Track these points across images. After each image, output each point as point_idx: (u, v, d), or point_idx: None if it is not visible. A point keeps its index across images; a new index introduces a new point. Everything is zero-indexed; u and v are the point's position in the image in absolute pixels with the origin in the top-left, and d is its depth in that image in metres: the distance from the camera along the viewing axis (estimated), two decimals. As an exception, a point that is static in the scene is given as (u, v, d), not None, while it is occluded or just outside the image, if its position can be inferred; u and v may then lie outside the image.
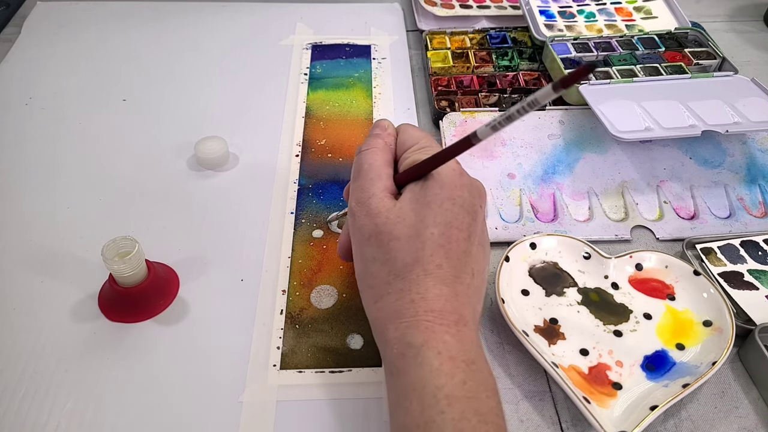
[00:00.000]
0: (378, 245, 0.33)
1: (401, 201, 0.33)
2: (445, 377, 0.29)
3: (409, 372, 0.30)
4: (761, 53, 0.70)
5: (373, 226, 0.33)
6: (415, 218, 0.32)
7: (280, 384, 0.39)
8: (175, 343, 0.41)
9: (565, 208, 0.51)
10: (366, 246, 0.33)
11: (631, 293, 0.44)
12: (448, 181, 0.33)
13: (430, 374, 0.29)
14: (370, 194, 0.34)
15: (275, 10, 0.73)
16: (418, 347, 0.30)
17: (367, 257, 0.34)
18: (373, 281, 0.33)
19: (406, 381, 0.30)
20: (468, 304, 0.32)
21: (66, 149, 0.54)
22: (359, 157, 0.36)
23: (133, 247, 0.40)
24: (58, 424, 0.37)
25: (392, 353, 0.31)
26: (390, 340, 0.31)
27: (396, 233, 0.32)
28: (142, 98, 0.60)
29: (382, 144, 0.36)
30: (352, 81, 0.63)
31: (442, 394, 0.28)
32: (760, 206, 0.52)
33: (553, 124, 0.58)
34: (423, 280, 0.32)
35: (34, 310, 0.42)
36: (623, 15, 0.70)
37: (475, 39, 0.68)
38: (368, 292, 0.34)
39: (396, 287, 0.32)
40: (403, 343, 0.31)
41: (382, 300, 0.33)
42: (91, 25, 0.69)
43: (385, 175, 0.35)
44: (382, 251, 0.33)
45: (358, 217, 0.34)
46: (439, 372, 0.29)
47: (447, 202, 0.33)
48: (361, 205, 0.34)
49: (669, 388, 0.38)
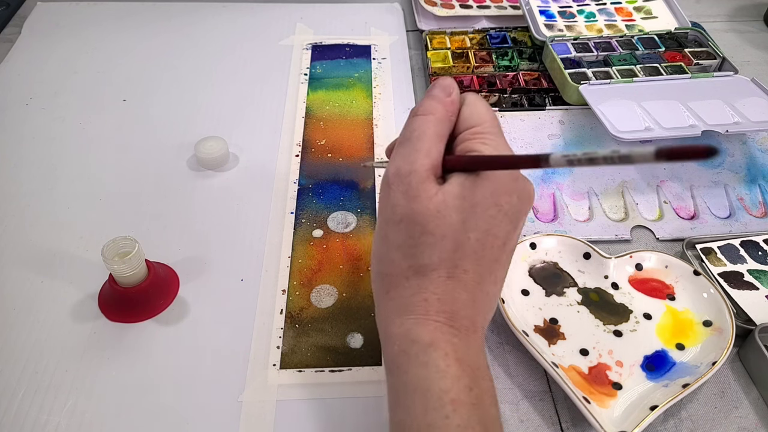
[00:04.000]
0: (408, 234, 0.29)
1: (445, 192, 0.29)
2: (452, 381, 0.28)
3: (410, 370, 0.28)
4: (761, 53, 0.70)
5: (408, 211, 0.29)
6: (456, 219, 0.29)
7: (280, 383, 0.39)
8: (175, 343, 0.41)
9: (565, 208, 0.51)
10: (394, 229, 0.30)
11: (631, 293, 0.44)
12: (501, 185, 0.29)
13: (436, 375, 0.28)
14: (413, 169, 0.29)
15: (275, 10, 0.73)
16: (424, 346, 0.28)
17: (391, 241, 0.30)
18: (391, 269, 0.30)
19: (407, 379, 0.28)
20: (483, 312, 0.31)
21: (66, 149, 0.54)
22: (412, 121, 0.31)
23: (133, 247, 0.40)
24: (58, 424, 0.37)
25: (393, 350, 0.30)
26: (393, 336, 0.30)
27: (431, 228, 0.29)
28: (142, 98, 0.60)
29: (441, 112, 0.31)
30: (352, 81, 0.63)
31: (448, 398, 0.27)
32: (760, 206, 0.52)
33: (553, 124, 0.58)
34: (444, 283, 0.29)
35: (34, 310, 0.42)
36: (623, 15, 0.70)
37: (475, 39, 0.68)
38: (382, 279, 0.31)
39: (413, 282, 0.30)
40: (408, 340, 0.29)
41: (395, 290, 0.30)
42: (91, 25, 0.69)
43: (435, 151, 0.30)
44: (410, 242, 0.29)
45: (394, 191, 0.30)
46: (446, 374, 0.28)
47: (493, 209, 0.29)
48: (399, 179, 0.29)
49: (669, 388, 0.38)
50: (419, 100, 0.61)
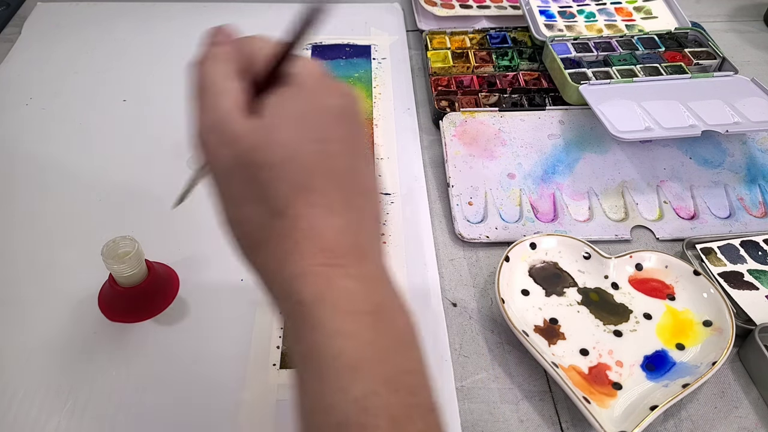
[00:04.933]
0: (244, 179, 0.25)
1: (263, 119, 0.26)
2: (345, 338, 0.23)
3: (301, 339, 0.24)
4: (761, 53, 0.70)
5: (234, 156, 0.25)
6: (285, 136, 0.25)
7: (280, 383, 0.39)
8: (175, 343, 0.41)
9: (565, 208, 0.51)
10: (229, 183, 0.26)
11: (631, 293, 0.44)
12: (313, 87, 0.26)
13: (326, 339, 0.23)
14: (221, 114, 0.26)
15: (275, 11, 0.73)
16: (309, 305, 0.24)
17: (234, 197, 0.26)
18: (246, 227, 0.26)
19: (298, 350, 0.24)
20: (366, 233, 0.26)
21: (66, 149, 0.54)
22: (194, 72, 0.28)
23: (133, 247, 0.40)
24: (58, 424, 0.37)
25: (284, 315, 0.26)
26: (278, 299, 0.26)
27: (267, 159, 0.25)
28: (142, 98, 0.60)
29: (224, 51, 0.28)
30: (352, 81, 0.63)
31: (342, 363, 0.23)
32: (760, 206, 0.52)
33: (553, 124, 0.58)
34: (307, 214, 0.25)
35: (34, 310, 0.42)
36: (623, 15, 0.70)
37: (475, 39, 0.68)
38: (244, 241, 0.27)
39: (276, 229, 0.25)
40: (291, 302, 0.24)
41: (260, 249, 0.26)
42: (91, 25, 0.69)
43: (234, 90, 0.26)
44: (252, 186, 0.25)
45: (211, 147, 0.26)
46: (337, 335, 0.23)
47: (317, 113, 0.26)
48: (211, 131, 0.26)
49: (669, 388, 0.38)
50: (419, 100, 0.61)
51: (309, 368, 0.24)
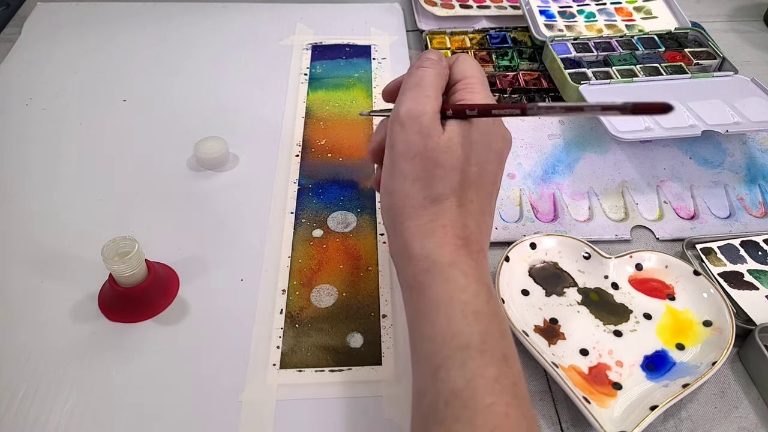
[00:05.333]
0: (422, 167, 0.33)
1: (450, 133, 0.34)
2: (471, 295, 0.31)
3: (434, 286, 0.32)
4: (761, 53, 0.70)
5: (422, 147, 0.33)
6: (461, 154, 0.33)
7: (280, 383, 0.39)
8: (176, 343, 0.41)
9: (565, 208, 0.51)
10: (409, 164, 0.33)
11: (631, 293, 0.44)
12: (490, 130, 0.35)
13: (457, 291, 0.31)
14: (424, 111, 0.33)
15: (275, 11, 0.73)
16: (445, 265, 0.32)
17: (406, 175, 0.33)
18: (407, 201, 0.34)
19: (430, 294, 0.31)
20: (486, 239, 0.35)
21: (66, 149, 0.54)
22: (416, 71, 0.35)
23: (133, 247, 0.40)
24: (58, 424, 0.37)
25: (416, 268, 0.33)
26: (415, 256, 0.33)
27: (442, 161, 0.33)
28: (142, 98, 0.60)
29: (439, 67, 0.36)
30: (352, 81, 0.63)
31: (470, 309, 0.31)
32: (760, 206, 0.52)
33: (553, 124, 0.58)
34: (456, 210, 0.33)
35: (34, 310, 0.42)
36: (623, 15, 0.70)
37: (475, 39, 0.68)
38: (397, 210, 0.34)
39: (430, 211, 0.33)
40: (430, 260, 0.32)
41: (411, 220, 0.34)
42: (91, 25, 0.69)
43: (438, 98, 0.34)
44: (425, 174, 0.33)
45: (409, 131, 0.33)
46: (466, 290, 0.31)
47: (486, 148, 0.34)
48: (413, 120, 0.33)
49: (669, 388, 0.38)
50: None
51: (438, 308, 0.31)
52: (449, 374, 0.29)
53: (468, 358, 0.29)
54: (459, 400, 0.28)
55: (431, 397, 0.29)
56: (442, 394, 0.29)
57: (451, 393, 0.29)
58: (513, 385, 0.29)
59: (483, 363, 0.29)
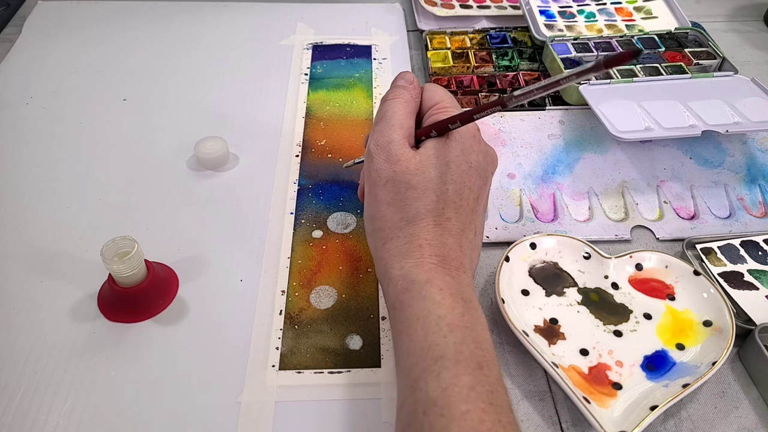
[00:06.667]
0: (395, 191, 0.35)
1: (422, 154, 0.35)
2: (446, 309, 0.32)
3: (412, 304, 0.33)
4: (761, 53, 0.70)
5: (392, 173, 0.35)
6: (434, 173, 0.35)
7: (279, 384, 0.39)
8: (175, 343, 0.41)
9: (565, 208, 0.51)
10: (382, 190, 0.35)
11: (631, 293, 0.44)
12: (467, 146, 0.36)
13: (433, 306, 0.32)
14: (390, 140, 0.35)
15: (276, 10, 0.73)
16: (422, 283, 0.33)
17: (381, 200, 0.35)
18: (384, 224, 0.36)
19: (409, 312, 0.33)
20: (468, 256, 0.36)
21: (66, 149, 0.54)
22: (384, 105, 0.38)
23: (133, 247, 0.40)
24: (58, 424, 0.37)
25: (396, 288, 0.34)
26: (395, 277, 0.34)
27: (414, 183, 0.34)
28: (142, 98, 0.60)
29: (408, 96, 0.38)
30: (352, 81, 0.63)
31: (444, 322, 0.32)
32: (760, 206, 0.52)
33: (553, 124, 0.58)
34: (432, 230, 0.34)
35: (34, 310, 0.42)
36: (623, 15, 0.70)
37: (475, 39, 0.68)
38: (378, 234, 0.36)
39: (406, 232, 0.35)
40: (408, 280, 0.33)
41: (391, 242, 0.35)
42: (91, 25, 0.69)
43: (407, 126, 0.37)
44: (398, 198, 0.35)
45: (377, 160, 0.36)
46: (441, 304, 0.32)
47: (464, 165, 0.35)
48: (380, 149, 0.36)
49: (669, 388, 0.38)
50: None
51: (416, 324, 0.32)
52: (427, 384, 0.30)
53: (443, 368, 0.30)
54: (435, 408, 0.29)
55: (410, 408, 0.30)
56: (420, 404, 0.30)
57: (428, 402, 0.29)
58: (489, 393, 0.30)
59: (458, 372, 0.30)
